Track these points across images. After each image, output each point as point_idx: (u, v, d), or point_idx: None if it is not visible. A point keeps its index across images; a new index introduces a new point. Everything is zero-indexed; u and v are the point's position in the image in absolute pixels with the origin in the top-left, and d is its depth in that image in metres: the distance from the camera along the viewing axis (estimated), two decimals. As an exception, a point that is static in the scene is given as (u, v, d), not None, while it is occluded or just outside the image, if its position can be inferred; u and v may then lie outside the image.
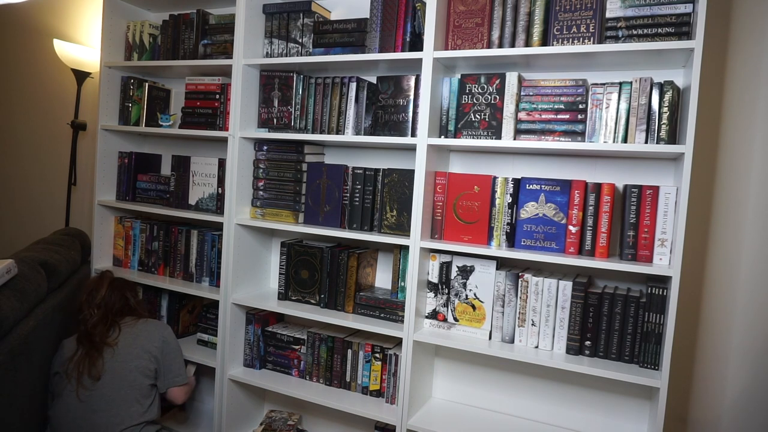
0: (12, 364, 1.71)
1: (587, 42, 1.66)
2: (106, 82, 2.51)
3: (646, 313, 1.65)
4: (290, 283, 2.16)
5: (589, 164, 1.88)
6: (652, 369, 1.63)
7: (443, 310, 1.93)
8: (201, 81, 2.35)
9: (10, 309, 1.68)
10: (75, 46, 2.86)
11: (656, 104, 1.61)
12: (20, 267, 1.84)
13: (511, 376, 2.00)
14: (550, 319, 1.77)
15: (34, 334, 1.84)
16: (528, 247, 1.78)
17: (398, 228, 1.93)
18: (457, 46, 1.84)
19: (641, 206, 1.64)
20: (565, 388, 1.93)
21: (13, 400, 1.75)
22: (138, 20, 2.53)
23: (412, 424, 1.88)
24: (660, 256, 1.63)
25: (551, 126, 1.74)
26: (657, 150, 1.58)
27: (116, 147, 2.59)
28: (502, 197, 1.81)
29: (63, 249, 2.23)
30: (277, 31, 2.16)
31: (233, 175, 2.17)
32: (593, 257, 1.69)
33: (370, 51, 1.96)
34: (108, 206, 2.58)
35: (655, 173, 1.79)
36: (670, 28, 1.57)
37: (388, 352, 2.02)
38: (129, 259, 2.58)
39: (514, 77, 1.78)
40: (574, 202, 1.71)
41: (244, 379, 2.18)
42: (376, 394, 2.05)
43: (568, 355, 1.75)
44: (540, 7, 1.73)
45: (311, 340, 2.15)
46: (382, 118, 1.97)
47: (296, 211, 2.12)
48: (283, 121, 2.14)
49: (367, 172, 2.00)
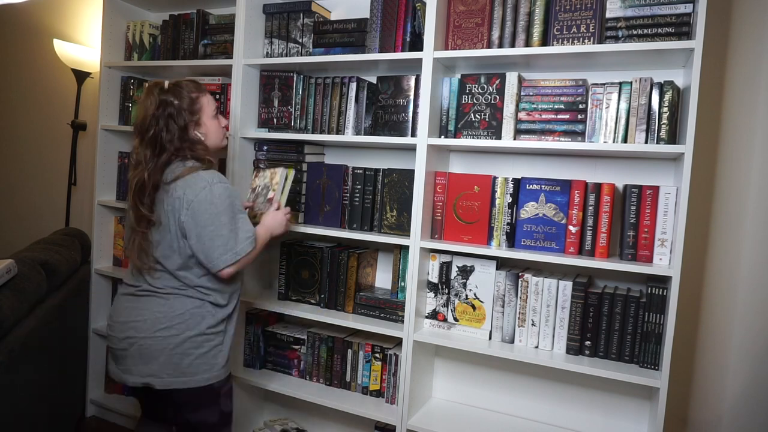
0: (12, 364, 1.70)
1: (587, 42, 1.66)
2: (106, 82, 2.51)
3: (646, 313, 1.64)
4: (290, 283, 2.16)
5: (589, 164, 1.88)
6: (652, 369, 1.63)
7: (443, 310, 1.93)
8: (201, 81, 2.34)
9: (10, 309, 1.68)
10: (75, 46, 2.86)
11: (656, 104, 1.61)
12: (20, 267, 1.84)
13: (511, 376, 2.00)
14: (550, 319, 1.77)
15: (34, 334, 1.84)
16: (528, 247, 1.78)
17: (398, 228, 1.93)
18: (457, 46, 1.84)
19: (641, 206, 1.64)
20: (565, 388, 1.93)
21: (13, 400, 1.75)
22: (138, 20, 2.53)
23: (412, 424, 1.88)
24: (660, 256, 1.63)
25: (551, 126, 1.74)
26: (657, 150, 1.58)
27: (116, 147, 2.59)
28: (502, 197, 1.81)
29: (63, 249, 2.23)
30: (277, 31, 2.16)
31: (233, 175, 2.16)
32: (593, 257, 1.69)
33: (370, 51, 1.96)
34: (108, 206, 2.58)
35: (655, 173, 1.79)
36: (670, 28, 1.57)
37: (388, 352, 2.02)
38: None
39: (514, 77, 1.78)
40: (574, 202, 1.71)
41: (244, 379, 2.18)
42: (376, 394, 2.04)
43: (568, 355, 1.75)
44: (540, 7, 1.73)
45: (311, 340, 2.15)
46: (382, 118, 1.97)
47: (296, 211, 2.12)
48: (283, 121, 2.14)
49: (367, 172, 1.99)
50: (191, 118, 1.57)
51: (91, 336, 2.56)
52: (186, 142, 1.56)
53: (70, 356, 2.30)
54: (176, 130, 1.54)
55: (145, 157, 1.52)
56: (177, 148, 1.54)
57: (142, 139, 1.54)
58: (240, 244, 1.53)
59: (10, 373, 1.70)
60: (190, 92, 1.59)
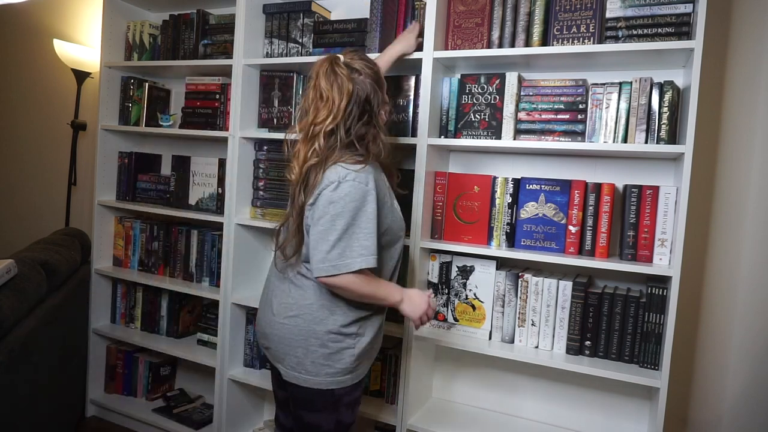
0: (12, 364, 1.70)
1: (587, 42, 1.66)
2: (106, 82, 2.51)
3: (646, 313, 1.64)
4: (290, 283, 2.16)
5: (589, 164, 1.88)
6: (652, 369, 1.63)
7: (443, 310, 1.93)
8: (201, 81, 2.35)
9: (10, 309, 1.68)
10: (75, 46, 2.86)
11: (656, 104, 1.61)
12: (20, 267, 1.84)
13: (511, 376, 2.00)
14: (550, 319, 1.77)
15: (34, 334, 1.84)
16: (528, 247, 1.78)
17: (398, 228, 1.93)
18: (457, 46, 1.84)
19: (641, 206, 1.64)
20: (565, 388, 1.93)
21: (13, 400, 1.75)
22: (138, 20, 2.53)
23: (412, 424, 1.88)
24: (660, 256, 1.63)
25: (551, 126, 1.74)
26: (657, 150, 1.58)
27: (116, 147, 2.59)
28: (502, 197, 1.81)
29: (63, 249, 2.23)
30: (277, 31, 2.16)
31: (233, 175, 2.16)
32: (593, 257, 1.69)
33: (370, 51, 1.96)
34: (108, 206, 2.58)
35: (655, 173, 1.79)
36: (670, 28, 1.57)
37: (388, 352, 2.02)
38: (129, 259, 2.58)
39: (514, 77, 1.78)
40: (574, 202, 1.71)
41: (245, 379, 2.18)
42: (376, 394, 2.04)
43: (568, 355, 1.75)
44: (540, 7, 1.73)
45: (311, 340, 2.14)
46: (382, 118, 1.96)
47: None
48: (283, 121, 2.14)
49: (367, 172, 1.99)
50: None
51: (91, 336, 2.56)
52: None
53: (70, 356, 2.30)
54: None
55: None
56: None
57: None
58: (346, 258, 1.28)
59: (10, 373, 1.70)
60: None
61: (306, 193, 1.35)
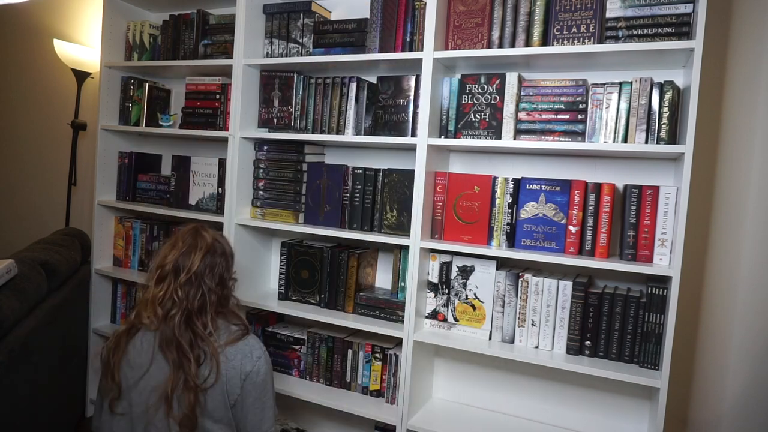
0: (12, 364, 1.71)
1: (587, 42, 1.66)
2: (106, 82, 2.51)
3: (646, 313, 1.65)
4: (290, 283, 2.16)
5: (589, 164, 1.88)
6: (652, 369, 1.63)
7: (443, 310, 1.93)
8: (201, 81, 2.35)
9: (10, 309, 1.68)
10: (75, 46, 2.86)
11: (656, 104, 1.61)
12: (20, 267, 1.84)
13: (511, 376, 2.00)
14: (550, 319, 1.77)
15: (34, 334, 1.84)
16: (528, 247, 1.78)
17: (398, 228, 1.93)
18: (457, 46, 1.84)
19: (641, 206, 1.64)
20: (565, 388, 1.93)
21: (13, 400, 1.75)
22: (138, 20, 2.53)
23: (412, 424, 1.88)
24: (660, 256, 1.63)
25: (551, 126, 1.74)
26: (657, 150, 1.58)
27: (116, 147, 2.59)
28: (502, 197, 1.81)
29: (63, 249, 2.23)
30: (278, 31, 2.16)
31: (233, 175, 2.17)
32: (593, 257, 1.69)
33: (370, 51, 1.96)
34: (108, 206, 2.58)
35: (655, 173, 1.79)
36: (670, 28, 1.57)
37: (388, 352, 2.02)
38: (129, 259, 2.58)
39: (514, 77, 1.78)
40: (574, 202, 1.71)
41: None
42: (376, 394, 2.04)
43: (568, 355, 1.75)
44: (540, 7, 1.73)
45: (311, 340, 2.15)
46: (382, 118, 1.97)
47: (296, 211, 2.12)
48: (283, 121, 2.14)
49: (367, 172, 1.99)
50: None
51: (91, 336, 2.56)
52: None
53: (70, 356, 2.30)
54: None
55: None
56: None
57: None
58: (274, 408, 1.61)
59: (10, 373, 1.70)
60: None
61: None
